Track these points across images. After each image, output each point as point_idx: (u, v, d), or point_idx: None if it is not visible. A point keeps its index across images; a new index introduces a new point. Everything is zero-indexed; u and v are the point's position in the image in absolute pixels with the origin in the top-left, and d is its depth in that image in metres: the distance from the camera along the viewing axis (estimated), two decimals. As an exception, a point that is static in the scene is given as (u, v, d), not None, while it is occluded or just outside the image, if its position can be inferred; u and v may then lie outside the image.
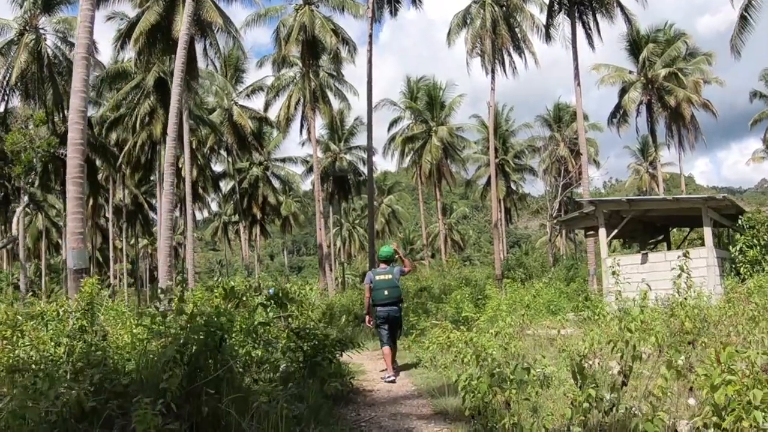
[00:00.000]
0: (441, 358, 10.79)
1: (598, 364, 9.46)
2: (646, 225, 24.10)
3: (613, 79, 47.38)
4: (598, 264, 31.79)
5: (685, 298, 11.64)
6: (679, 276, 12.18)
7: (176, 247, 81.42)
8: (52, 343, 8.14)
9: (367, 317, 11.88)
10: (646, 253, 19.49)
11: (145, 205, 63.63)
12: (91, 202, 60.71)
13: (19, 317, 9.84)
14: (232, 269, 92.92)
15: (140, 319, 6.88)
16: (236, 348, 7.33)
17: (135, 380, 6.02)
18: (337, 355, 8.70)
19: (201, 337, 6.05)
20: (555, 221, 21.10)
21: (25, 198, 33.78)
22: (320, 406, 6.83)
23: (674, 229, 29.50)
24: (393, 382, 10.43)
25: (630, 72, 47.87)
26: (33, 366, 7.19)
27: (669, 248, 26.43)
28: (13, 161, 30.70)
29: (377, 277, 11.34)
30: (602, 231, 19.72)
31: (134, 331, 8.47)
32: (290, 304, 8.08)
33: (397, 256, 12.06)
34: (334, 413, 7.19)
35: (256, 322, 7.64)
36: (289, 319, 10.34)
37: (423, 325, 14.67)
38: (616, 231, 19.84)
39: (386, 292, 11.18)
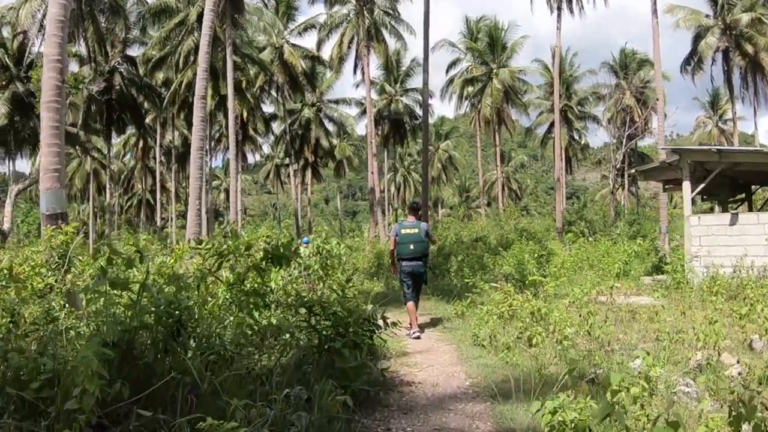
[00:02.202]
0: (502, 336, 8.68)
1: (708, 358, 7.34)
2: (732, 181, 21.43)
3: (689, 22, 43.74)
4: (672, 222, 29.29)
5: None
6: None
7: (227, 191, 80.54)
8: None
9: (392, 268, 11.78)
10: (736, 214, 16.99)
11: (201, 147, 62.33)
12: (140, 144, 59.96)
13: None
14: (286, 212, 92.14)
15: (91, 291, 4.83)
16: (218, 330, 5.37)
17: (59, 383, 4.05)
18: (366, 339, 6.53)
19: (149, 321, 4.08)
20: (635, 171, 18.88)
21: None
22: (331, 420, 4.76)
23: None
24: (418, 338, 10.18)
25: (706, 16, 44.27)
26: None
27: (750, 209, 23.71)
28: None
29: (403, 231, 10.99)
30: (686, 185, 17.15)
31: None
32: (292, 259, 5.77)
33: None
34: (352, 428, 5.15)
35: (243, 289, 5.61)
36: (316, 281, 8.42)
37: (480, 285, 12.65)
38: (702, 185, 17.26)
39: (412, 247, 10.86)
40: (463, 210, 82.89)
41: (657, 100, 27.18)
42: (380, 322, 6.76)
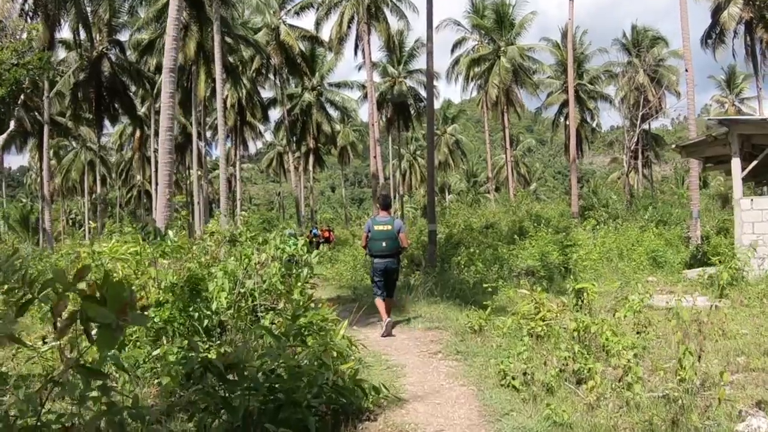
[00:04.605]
0: (540, 372, 6.23)
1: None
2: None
3: (710, -10, 41.54)
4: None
5: None
6: None
7: (229, 179, 78.23)
8: None
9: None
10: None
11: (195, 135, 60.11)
12: (137, 133, 57.63)
13: None
14: (291, 201, 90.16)
15: None
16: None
17: None
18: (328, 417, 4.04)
19: None
20: (675, 146, 16.80)
21: (12, 123, 29.72)
22: None
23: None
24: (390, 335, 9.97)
25: (728, -16, 41.89)
26: None
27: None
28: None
29: (376, 227, 10.68)
30: (736, 162, 14.75)
31: None
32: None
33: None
34: None
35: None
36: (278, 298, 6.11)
37: (501, 287, 10.47)
38: (756, 162, 14.87)
39: (384, 244, 10.56)
40: (472, 195, 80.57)
41: (686, 70, 24.54)
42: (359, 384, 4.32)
